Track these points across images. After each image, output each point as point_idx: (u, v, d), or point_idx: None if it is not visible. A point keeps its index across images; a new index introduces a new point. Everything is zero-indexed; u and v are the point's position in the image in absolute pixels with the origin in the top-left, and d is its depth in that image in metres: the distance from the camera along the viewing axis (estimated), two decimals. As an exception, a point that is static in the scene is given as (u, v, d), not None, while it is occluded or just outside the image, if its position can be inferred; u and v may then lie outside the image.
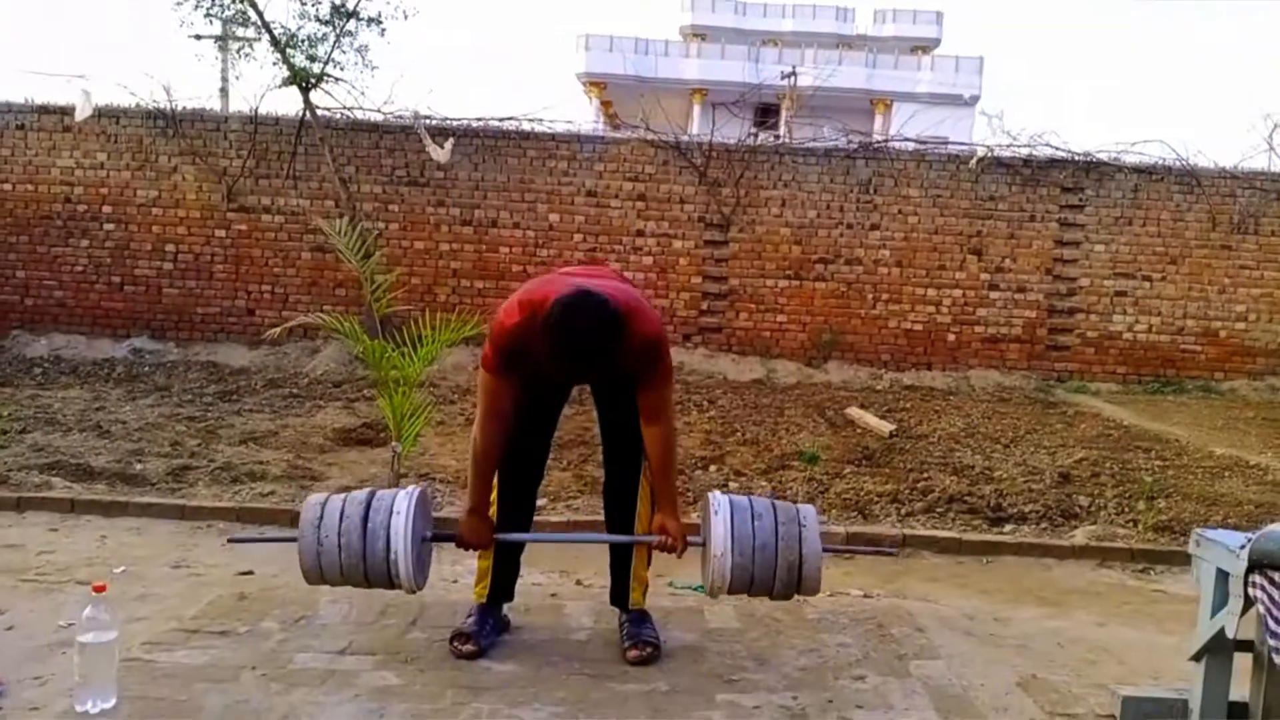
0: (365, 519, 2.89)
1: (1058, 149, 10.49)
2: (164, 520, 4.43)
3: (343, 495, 3.02)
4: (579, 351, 2.65)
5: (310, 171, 10.30)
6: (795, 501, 5.10)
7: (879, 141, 10.83)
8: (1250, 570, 2.36)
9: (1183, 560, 4.41)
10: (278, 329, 5.47)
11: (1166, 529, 4.89)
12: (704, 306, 10.54)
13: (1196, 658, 2.59)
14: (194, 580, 3.69)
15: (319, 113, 9.89)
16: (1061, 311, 10.64)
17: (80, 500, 4.47)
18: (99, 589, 2.59)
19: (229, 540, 3.50)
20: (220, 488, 4.98)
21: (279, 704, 2.64)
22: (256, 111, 10.15)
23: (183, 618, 3.25)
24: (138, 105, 10.22)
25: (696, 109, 31.23)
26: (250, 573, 3.79)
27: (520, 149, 10.42)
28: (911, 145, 10.74)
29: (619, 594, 3.22)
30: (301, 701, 2.66)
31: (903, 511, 5.02)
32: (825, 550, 3.06)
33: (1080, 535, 4.66)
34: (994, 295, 10.58)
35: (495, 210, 10.44)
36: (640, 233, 10.46)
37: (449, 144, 9.90)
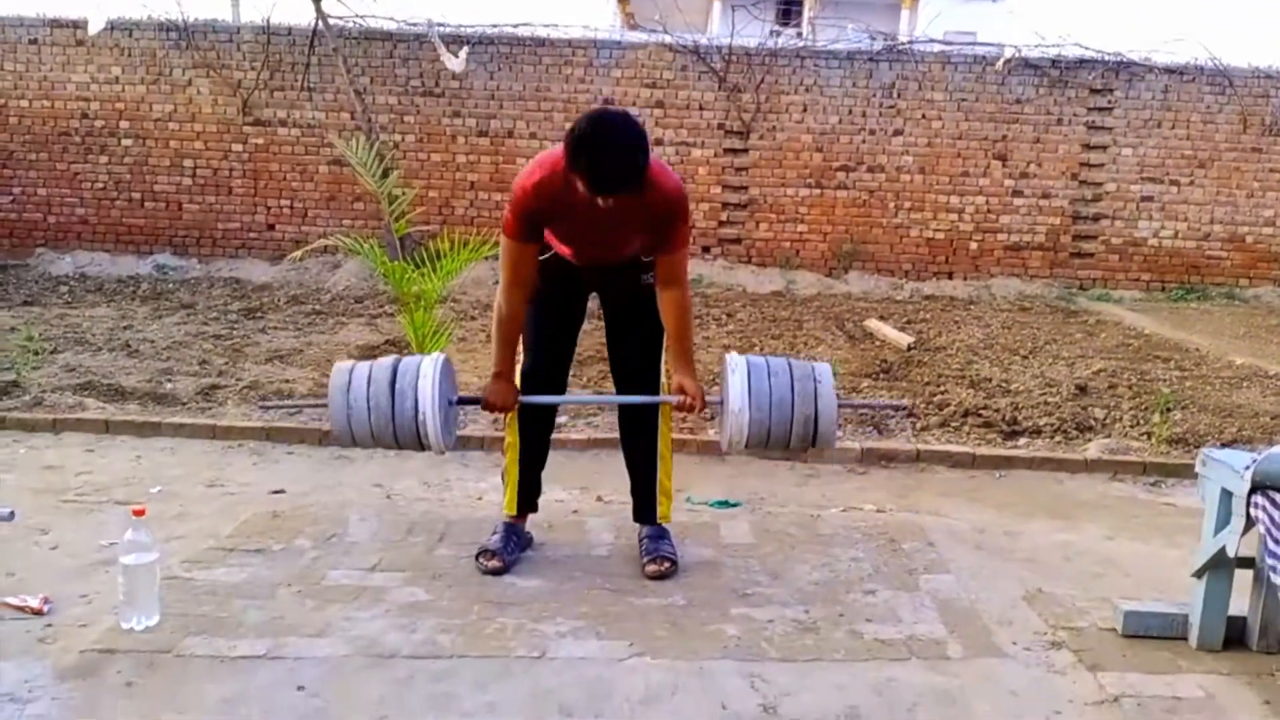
0: (392, 383, 2.92)
1: (1087, 49, 10.20)
2: (196, 440, 4.55)
3: (368, 362, 3.07)
4: (612, 161, 2.65)
5: (325, 83, 10.19)
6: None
7: (903, 43, 10.54)
8: (1253, 491, 2.41)
9: (1195, 473, 4.49)
10: (299, 252, 5.50)
11: (1180, 441, 4.93)
12: (723, 217, 10.47)
13: (1199, 574, 2.67)
14: (228, 499, 3.82)
15: (332, 22, 9.72)
16: (1086, 218, 10.50)
17: (114, 421, 4.60)
18: (138, 513, 2.70)
19: (260, 405, 3.59)
20: (249, 406, 5.09)
21: (314, 619, 2.77)
22: (269, 22, 10.00)
23: (219, 536, 3.39)
24: (149, 17, 10.09)
25: (716, 7, 30.35)
26: (282, 491, 3.92)
27: (535, 56, 10.24)
28: (936, 46, 10.45)
29: (645, 508, 3.30)
30: (335, 617, 2.79)
31: (918, 426, 5.08)
32: (840, 405, 3.10)
33: (1093, 449, 4.71)
34: (1018, 202, 10.44)
35: (512, 120, 10.33)
36: (659, 141, 10.32)
37: (464, 52, 9.76)
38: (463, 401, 3.18)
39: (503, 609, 2.87)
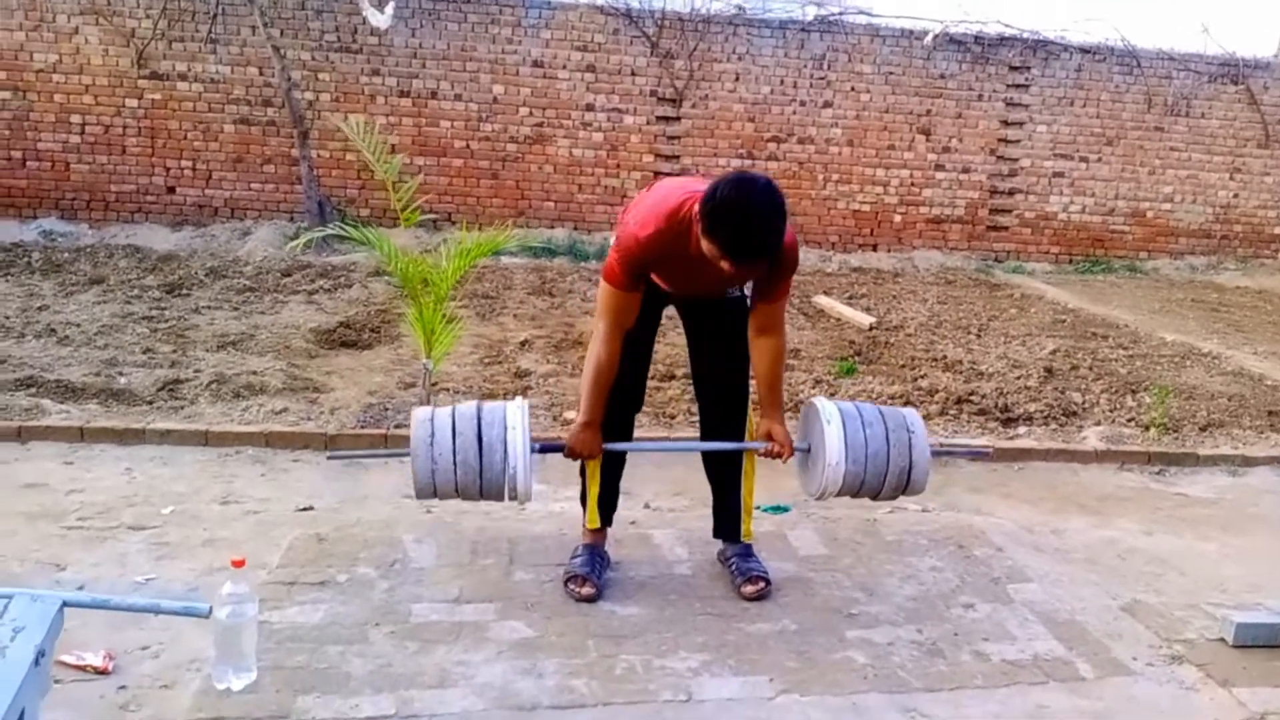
0: (479, 435, 2.77)
1: (1007, 26, 10.47)
2: (187, 447, 4.15)
3: (449, 409, 2.88)
4: (755, 233, 2.49)
5: (230, 35, 9.46)
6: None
7: (834, 14, 10.55)
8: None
9: (1192, 461, 4.70)
10: (299, 241, 4.94)
11: (1161, 426, 5.15)
12: (655, 186, 10.31)
13: (1309, 588, 2.76)
14: (254, 519, 3.50)
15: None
16: (1002, 192, 10.84)
17: (90, 428, 4.14)
18: (238, 564, 2.43)
19: (330, 456, 3.36)
20: (225, 405, 4.69)
21: (426, 666, 2.56)
22: (169, -34, 9.18)
23: (269, 566, 3.10)
24: (28, -45, 9.11)
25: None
26: (310, 508, 3.62)
27: (461, 13, 9.78)
28: (865, 19, 10.52)
29: (729, 527, 3.21)
30: (447, 661, 2.59)
31: (921, 414, 5.12)
32: (932, 454, 3.09)
33: (1093, 437, 4.86)
34: (940, 176, 10.69)
35: (435, 81, 9.86)
36: (590, 107, 10.07)
37: (390, 7, 9.22)
38: (544, 449, 2.99)
39: (619, 643, 2.73)
